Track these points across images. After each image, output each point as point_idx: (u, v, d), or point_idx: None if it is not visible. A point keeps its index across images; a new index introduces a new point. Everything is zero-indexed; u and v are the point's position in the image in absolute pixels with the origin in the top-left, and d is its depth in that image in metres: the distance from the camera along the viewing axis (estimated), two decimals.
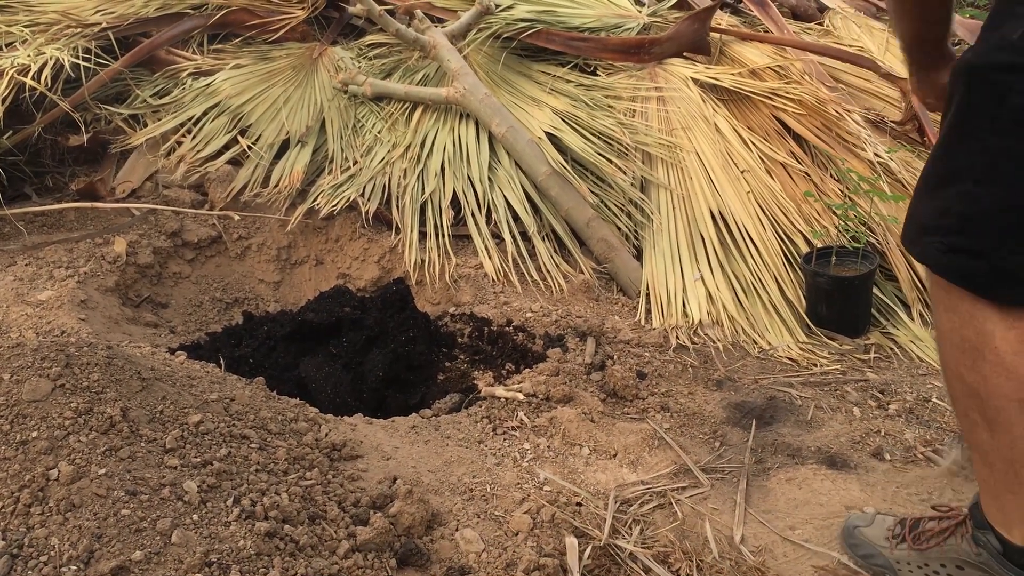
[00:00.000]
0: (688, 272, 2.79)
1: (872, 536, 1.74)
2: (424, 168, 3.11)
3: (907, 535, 1.68)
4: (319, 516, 1.63)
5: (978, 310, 1.40)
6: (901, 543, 1.69)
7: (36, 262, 2.67)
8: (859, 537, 1.76)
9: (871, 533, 1.75)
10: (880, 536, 1.73)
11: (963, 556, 1.60)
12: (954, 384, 1.48)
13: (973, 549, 1.58)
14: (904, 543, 1.68)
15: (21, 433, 1.54)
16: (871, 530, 1.75)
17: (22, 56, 3.05)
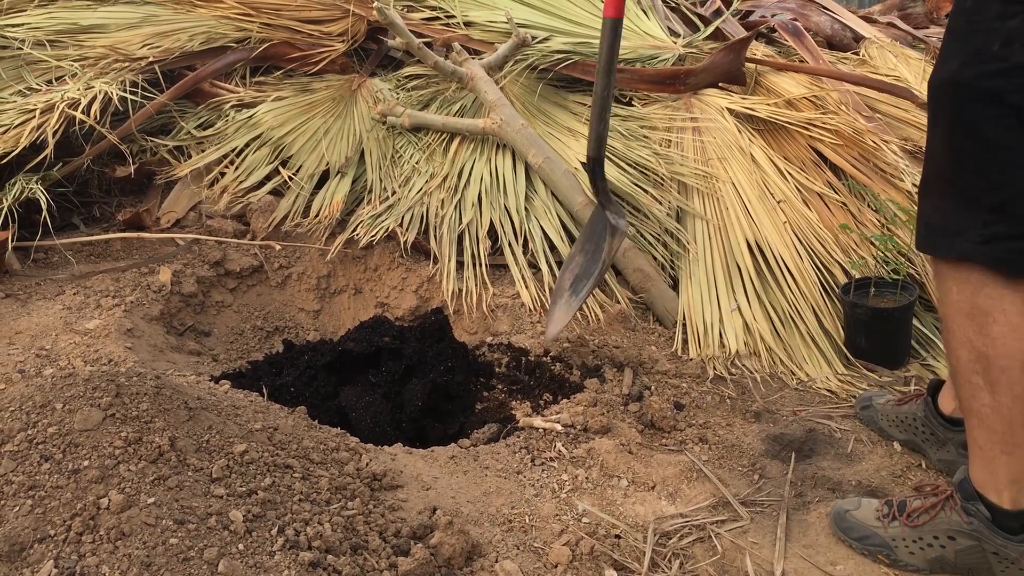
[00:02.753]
0: (725, 302, 2.79)
1: (864, 518, 1.86)
2: (461, 198, 3.14)
3: (897, 514, 1.83)
4: (361, 546, 1.65)
5: (988, 280, 1.55)
6: (893, 521, 1.82)
7: (84, 291, 2.73)
8: (851, 520, 1.87)
9: (862, 515, 1.87)
10: (871, 517, 1.85)
11: (954, 527, 1.74)
12: (960, 352, 1.63)
13: (964, 519, 1.72)
14: (896, 521, 1.82)
15: (73, 462, 1.58)
16: (861, 512, 1.88)
17: (72, 90, 3.13)
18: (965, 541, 1.73)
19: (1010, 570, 1.69)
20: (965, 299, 1.59)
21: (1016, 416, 1.60)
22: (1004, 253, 1.54)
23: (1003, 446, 1.62)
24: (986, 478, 1.68)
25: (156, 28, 3.59)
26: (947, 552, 1.75)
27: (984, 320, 1.57)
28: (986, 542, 1.70)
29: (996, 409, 1.61)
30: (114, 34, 3.55)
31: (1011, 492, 1.65)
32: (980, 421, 1.64)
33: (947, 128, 1.58)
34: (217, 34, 3.63)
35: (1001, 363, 1.57)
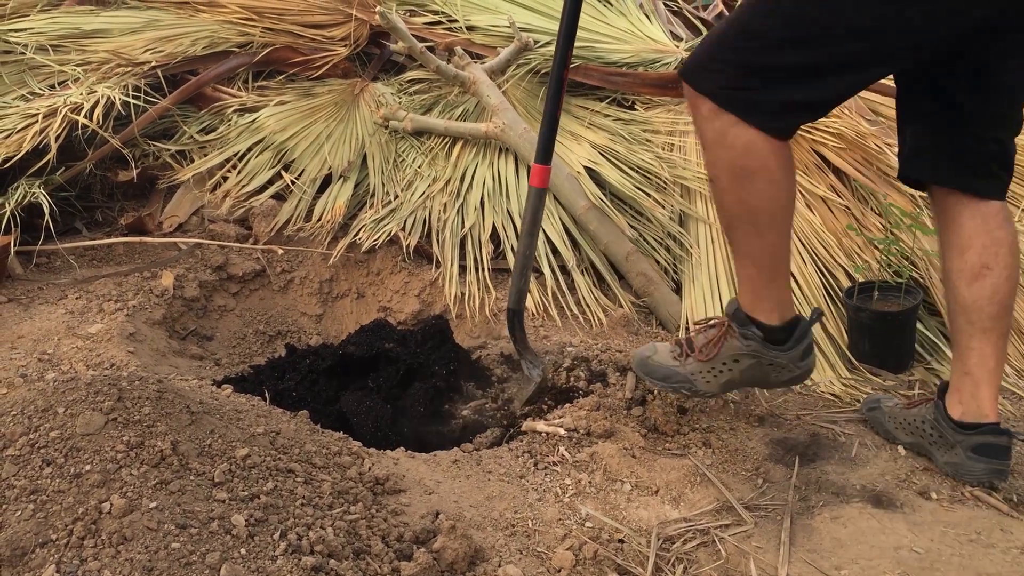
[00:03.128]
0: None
1: (662, 360, 2.15)
2: (464, 202, 3.14)
3: (689, 351, 2.12)
4: (364, 551, 1.64)
5: (752, 145, 1.82)
6: (687, 359, 2.13)
7: (86, 295, 2.73)
8: (652, 364, 2.16)
9: (660, 358, 2.16)
10: (668, 358, 2.15)
11: (736, 351, 2.07)
12: (733, 207, 1.92)
13: (743, 343, 2.06)
14: (691, 358, 2.12)
15: (75, 466, 1.58)
16: (659, 356, 2.16)
17: (75, 94, 3.14)
18: (747, 360, 2.07)
19: (781, 374, 2.09)
20: (733, 160, 1.85)
21: (779, 251, 1.96)
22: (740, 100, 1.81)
23: (770, 277, 1.98)
24: (757, 304, 2.02)
25: (159, 33, 3.60)
26: (734, 373, 2.10)
27: (752, 177, 1.85)
28: (763, 357, 2.05)
29: (763, 248, 1.94)
30: (117, 39, 3.55)
31: (779, 312, 2.02)
32: (750, 260, 1.98)
33: None
34: (220, 39, 3.63)
35: (768, 211, 1.89)
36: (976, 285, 2.00)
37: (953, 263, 2.05)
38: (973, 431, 2.04)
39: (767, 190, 1.86)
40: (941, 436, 2.11)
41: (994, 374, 2.04)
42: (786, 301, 2.04)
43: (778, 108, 1.82)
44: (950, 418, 2.08)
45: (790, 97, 1.81)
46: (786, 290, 2.04)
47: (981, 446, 2.04)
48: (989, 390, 2.04)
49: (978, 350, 2.03)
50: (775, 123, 1.83)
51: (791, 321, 2.05)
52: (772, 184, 1.85)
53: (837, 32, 1.76)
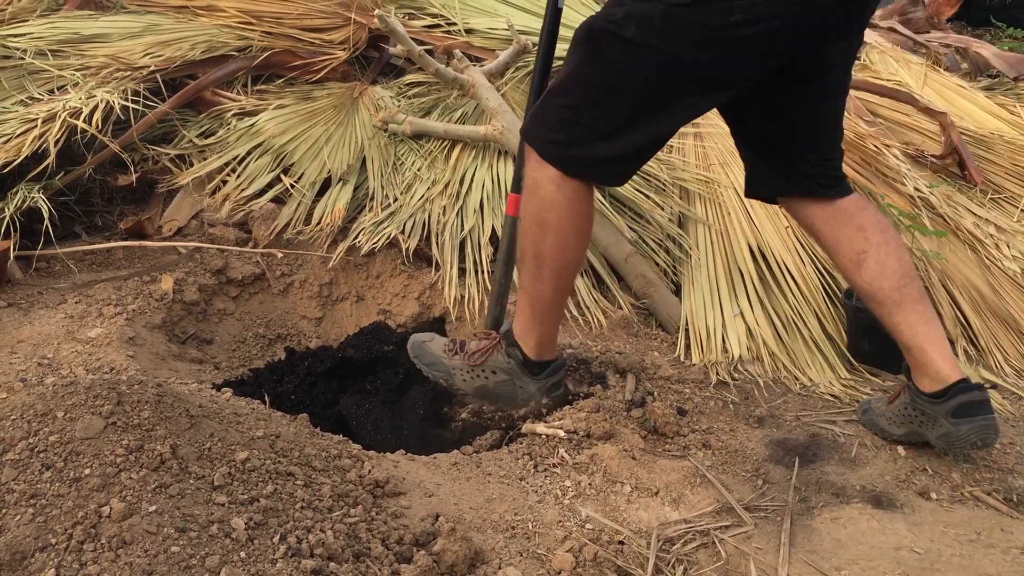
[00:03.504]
0: (727, 308, 2.78)
1: (434, 348, 2.33)
2: (463, 205, 3.14)
3: (459, 350, 2.30)
4: (364, 554, 1.64)
5: (559, 203, 2.01)
6: (455, 355, 2.30)
7: (86, 300, 2.73)
8: (425, 349, 2.33)
9: (433, 347, 2.34)
10: (439, 348, 2.33)
11: (499, 364, 2.26)
12: (529, 249, 2.10)
13: (505, 360, 2.25)
14: (457, 355, 2.30)
15: (74, 470, 1.58)
16: (433, 344, 2.34)
17: (74, 99, 3.13)
18: (502, 375, 2.25)
19: (528, 400, 2.27)
20: (538, 208, 2.04)
21: (554, 302, 2.16)
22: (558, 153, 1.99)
23: (540, 319, 2.18)
24: (524, 336, 2.22)
25: (158, 37, 3.59)
26: (489, 382, 2.26)
27: (548, 230, 2.04)
28: (516, 378, 2.25)
29: (540, 294, 2.13)
30: (116, 43, 3.55)
31: (538, 349, 2.22)
32: (528, 299, 2.16)
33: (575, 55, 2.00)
34: (218, 43, 3.63)
35: (552, 264, 2.08)
36: (862, 270, 2.11)
37: (837, 262, 2.20)
38: (944, 396, 2.08)
39: (557, 246, 2.05)
40: (923, 413, 2.14)
41: (932, 338, 2.11)
42: (547, 344, 2.23)
43: (588, 161, 1.99)
44: (923, 393, 2.13)
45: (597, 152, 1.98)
46: (550, 334, 2.22)
47: (958, 408, 2.07)
48: (937, 353, 2.10)
49: (903, 323, 2.11)
50: (588, 172, 2.02)
51: (548, 360, 2.25)
52: (563, 243, 2.05)
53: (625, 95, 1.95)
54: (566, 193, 2.00)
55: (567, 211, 2.02)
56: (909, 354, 2.15)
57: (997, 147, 3.39)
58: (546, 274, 2.09)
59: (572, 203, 2.02)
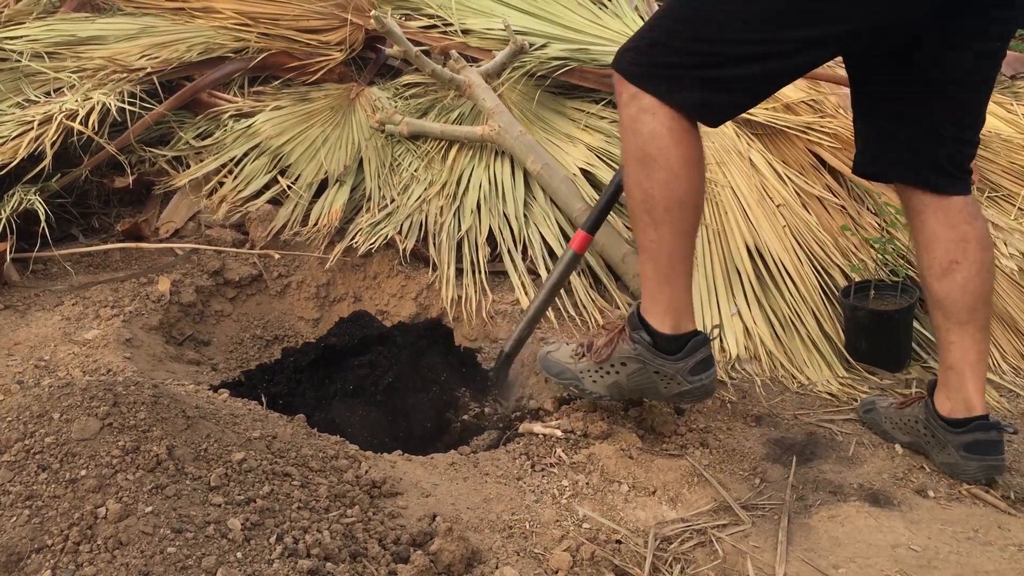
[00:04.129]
0: (725, 306, 2.78)
1: (560, 357, 2.17)
2: (460, 205, 3.14)
3: (586, 352, 2.11)
4: (360, 554, 1.64)
5: (656, 132, 1.85)
6: (583, 358, 2.12)
7: (83, 302, 2.73)
8: (550, 360, 2.18)
9: (559, 355, 2.18)
10: (566, 355, 2.16)
11: (625, 354, 2.03)
12: (635, 193, 1.92)
13: (631, 346, 2.02)
14: (585, 358, 2.11)
15: (71, 471, 1.58)
16: (559, 353, 2.18)
17: (70, 101, 3.13)
18: (633, 365, 2.02)
19: (671, 385, 2.01)
20: (639, 147, 1.88)
21: (675, 251, 1.92)
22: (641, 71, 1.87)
23: (666, 277, 1.94)
24: (651, 307, 1.98)
25: (154, 39, 3.59)
26: (620, 377, 2.05)
27: (652, 166, 1.86)
28: (648, 363, 2.00)
29: (660, 244, 1.91)
30: (112, 45, 3.55)
31: (672, 319, 1.97)
32: (648, 255, 1.95)
33: None
34: (215, 44, 3.63)
35: (664, 203, 1.87)
36: (946, 280, 2.01)
37: (923, 259, 2.07)
38: (962, 428, 2.05)
39: (664, 180, 1.86)
40: (934, 435, 2.12)
41: (976, 367, 2.05)
42: (681, 309, 1.98)
43: (696, 86, 1.85)
44: (939, 415, 2.10)
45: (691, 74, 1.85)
46: (682, 297, 1.98)
47: (972, 444, 2.05)
48: (974, 383, 2.05)
49: (958, 344, 2.04)
50: (691, 100, 1.86)
51: (686, 333, 2.00)
52: (671, 176, 1.86)
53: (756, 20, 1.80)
54: (663, 120, 1.85)
55: (669, 139, 1.85)
56: (947, 373, 2.09)
57: (994, 145, 3.38)
58: (659, 215, 1.89)
59: (672, 131, 1.85)
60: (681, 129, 1.86)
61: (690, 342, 1.98)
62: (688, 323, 1.99)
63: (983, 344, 2.06)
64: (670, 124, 1.85)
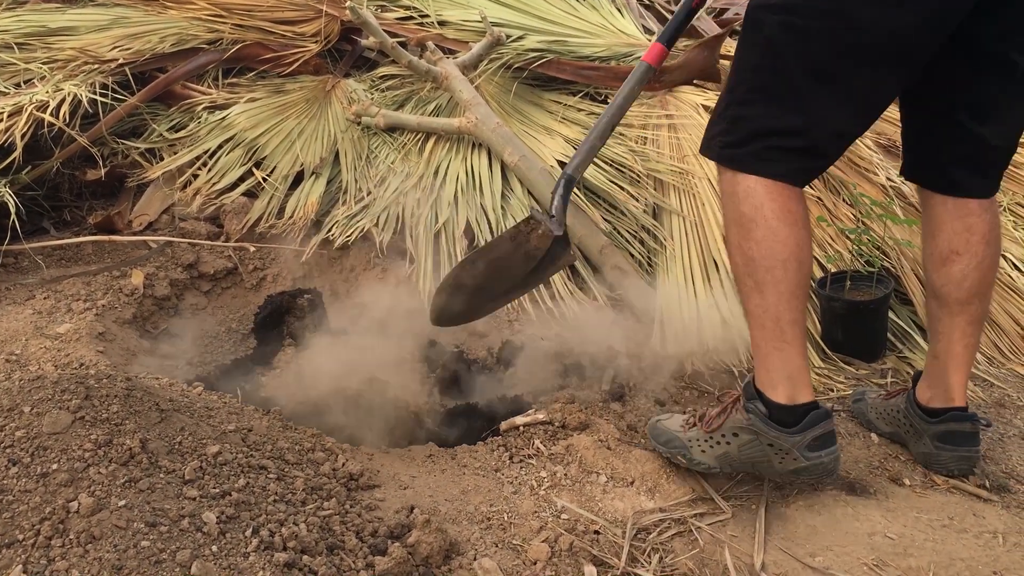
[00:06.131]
0: (703, 298, 2.78)
1: (670, 426, 2.04)
2: (437, 198, 3.13)
3: (697, 421, 1.99)
4: (337, 546, 1.63)
5: (750, 190, 1.77)
6: (692, 427, 1.99)
7: (55, 295, 2.69)
8: (660, 428, 2.06)
9: (669, 424, 2.05)
10: (676, 424, 2.03)
11: (737, 424, 1.90)
12: (735, 257, 1.84)
13: (744, 416, 1.89)
14: (695, 427, 1.99)
15: (41, 465, 1.56)
16: (670, 422, 2.06)
17: (41, 92, 3.09)
18: (746, 436, 1.89)
19: (786, 460, 1.86)
20: (735, 208, 1.81)
21: (783, 314, 1.79)
22: (731, 155, 1.80)
23: (774, 343, 1.81)
24: (763, 375, 1.86)
25: (126, 30, 3.55)
26: (731, 448, 1.92)
27: (750, 227, 1.78)
28: (762, 435, 1.86)
29: (765, 309, 1.80)
30: (84, 36, 3.50)
31: (785, 388, 1.83)
32: (754, 321, 1.84)
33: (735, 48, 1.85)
34: (188, 35, 3.59)
35: (765, 264, 1.77)
36: (943, 270, 1.99)
37: (926, 246, 2.05)
38: (938, 418, 2.06)
39: (763, 239, 1.76)
40: (912, 425, 2.13)
41: (961, 359, 2.04)
42: (796, 378, 1.83)
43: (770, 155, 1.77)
44: (917, 403, 2.11)
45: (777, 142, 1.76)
46: (797, 364, 1.83)
47: (946, 434, 2.07)
48: (957, 375, 2.04)
49: (945, 334, 2.04)
50: (763, 167, 1.77)
51: (804, 404, 1.85)
52: (768, 234, 1.76)
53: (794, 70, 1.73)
54: (755, 185, 1.77)
55: (764, 195, 1.77)
56: (932, 362, 2.09)
57: None
58: (761, 277, 1.79)
59: (767, 185, 1.77)
60: (774, 184, 1.78)
61: (809, 414, 1.84)
62: (805, 393, 1.85)
63: (972, 338, 2.03)
64: (766, 184, 1.77)
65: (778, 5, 1.72)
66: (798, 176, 1.81)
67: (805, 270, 1.81)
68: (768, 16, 1.73)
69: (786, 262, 1.77)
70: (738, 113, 1.80)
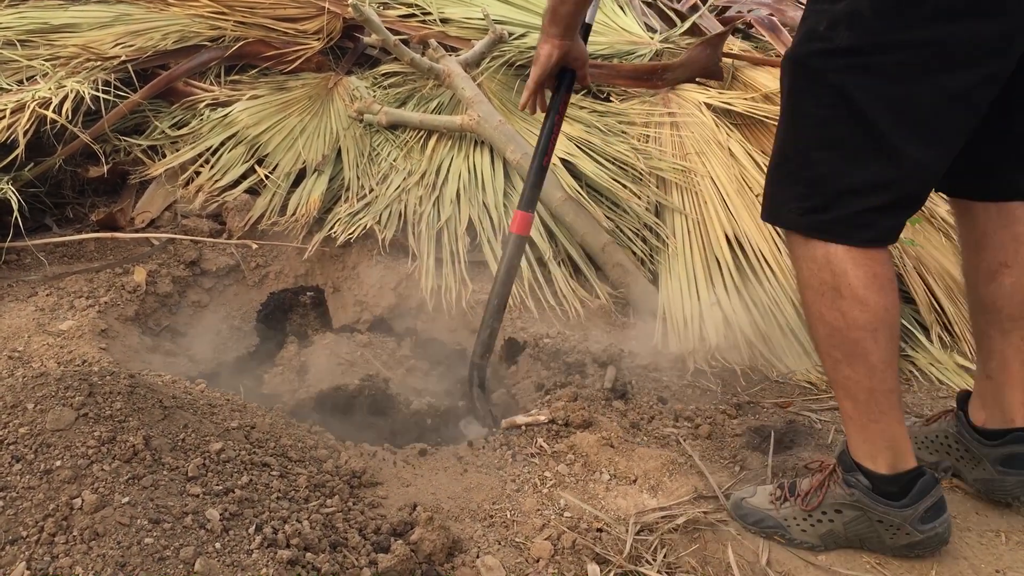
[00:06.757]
0: (704, 296, 2.79)
1: (758, 503, 1.87)
2: (440, 195, 3.13)
3: (788, 495, 1.84)
4: (340, 543, 1.63)
5: (832, 256, 1.61)
6: (784, 503, 1.84)
7: (57, 292, 2.69)
8: (747, 507, 1.88)
9: (756, 501, 1.88)
10: (765, 501, 1.87)
11: (839, 500, 1.76)
12: (817, 327, 1.69)
13: (846, 491, 1.75)
14: (787, 502, 1.83)
15: (45, 462, 1.56)
16: (756, 499, 1.89)
17: (43, 89, 3.09)
18: (851, 512, 1.76)
19: (897, 536, 1.73)
20: (813, 275, 1.66)
21: (876, 385, 1.65)
22: (817, 223, 1.62)
23: (870, 415, 1.68)
24: (860, 446, 1.72)
25: (129, 27, 3.55)
26: (836, 525, 1.78)
27: (833, 295, 1.63)
28: (869, 511, 1.73)
29: (856, 380, 1.66)
30: (86, 33, 3.50)
31: (886, 457, 1.70)
32: (846, 392, 1.69)
33: (784, 101, 1.67)
34: (191, 33, 3.59)
35: (852, 335, 1.63)
36: (992, 284, 1.84)
37: (969, 260, 1.89)
38: (999, 440, 1.90)
39: (849, 309, 1.62)
40: (967, 450, 1.96)
41: (1019, 378, 1.87)
42: (897, 445, 1.70)
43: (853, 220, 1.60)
44: (973, 426, 1.93)
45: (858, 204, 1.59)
46: (896, 431, 1.70)
47: (1010, 457, 1.89)
48: (1016, 395, 1.87)
49: (999, 352, 1.87)
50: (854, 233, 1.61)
51: (909, 472, 1.72)
52: (855, 302, 1.61)
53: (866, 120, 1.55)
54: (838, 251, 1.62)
55: (848, 263, 1.61)
56: (984, 383, 1.91)
57: None
58: (850, 349, 1.65)
59: (852, 255, 1.61)
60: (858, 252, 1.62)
61: (917, 483, 1.71)
62: (907, 460, 1.71)
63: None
64: (845, 251, 1.62)
65: (842, 49, 1.52)
66: (892, 235, 1.65)
67: (895, 335, 1.65)
68: (829, 62, 1.54)
69: (876, 331, 1.62)
70: (817, 173, 1.61)
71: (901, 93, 1.51)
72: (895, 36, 1.49)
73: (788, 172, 1.67)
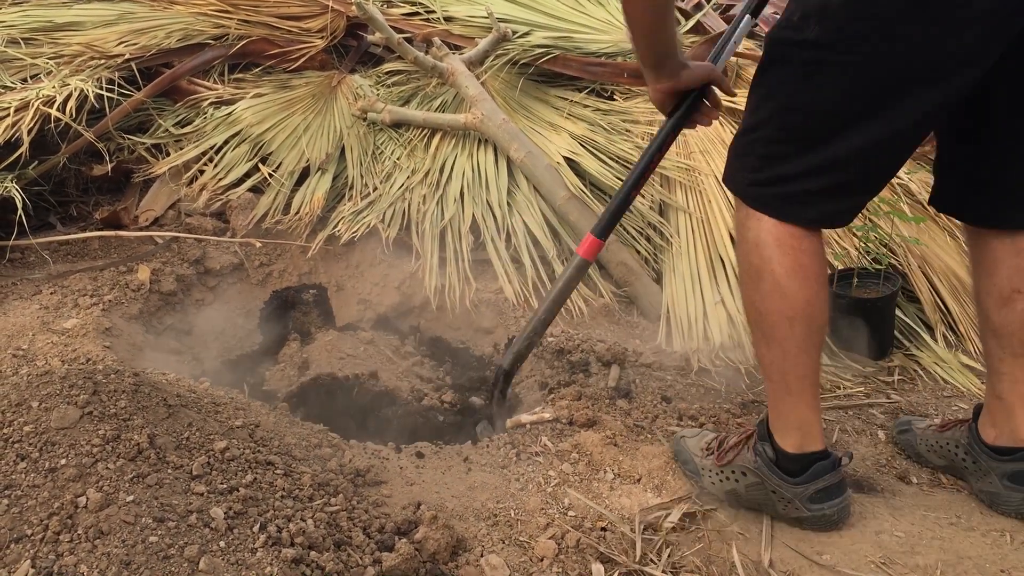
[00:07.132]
0: (708, 295, 2.78)
1: (691, 445, 2.02)
2: (443, 194, 3.13)
3: (715, 448, 1.95)
4: (345, 542, 1.63)
5: (761, 240, 1.69)
6: (709, 455, 1.95)
7: (61, 291, 2.69)
8: (681, 445, 2.03)
9: (691, 443, 2.02)
10: (696, 447, 2.00)
11: (746, 464, 1.87)
12: (745, 305, 1.79)
13: (752, 458, 1.85)
14: (711, 455, 1.95)
15: (50, 460, 1.56)
16: (692, 441, 2.03)
17: (47, 88, 3.09)
18: (752, 478, 1.86)
19: (788, 508, 1.83)
20: (744, 257, 1.75)
21: (788, 368, 1.74)
22: (761, 196, 1.70)
23: (783, 395, 1.77)
24: (775, 420, 1.82)
25: (133, 25, 3.55)
26: (739, 487, 1.88)
27: (758, 279, 1.71)
28: (766, 480, 1.83)
29: (771, 361, 1.76)
30: (90, 31, 3.50)
31: (794, 437, 1.79)
32: (765, 371, 1.79)
33: (755, 75, 1.72)
34: (194, 31, 3.59)
35: (771, 319, 1.72)
36: (1006, 309, 1.83)
37: (982, 283, 1.88)
38: (1009, 457, 1.91)
39: (770, 293, 1.69)
40: (975, 462, 1.99)
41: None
42: (806, 428, 1.78)
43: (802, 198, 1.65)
44: (983, 442, 1.95)
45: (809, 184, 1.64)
46: (806, 415, 1.78)
47: (1017, 474, 1.91)
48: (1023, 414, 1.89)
49: (1009, 375, 1.88)
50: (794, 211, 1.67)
51: (812, 454, 1.80)
52: (775, 288, 1.68)
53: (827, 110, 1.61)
54: (768, 227, 1.68)
55: (774, 248, 1.67)
56: (994, 402, 1.92)
57: None
58: (768, 332, 1.73)
59: (778, 238, 1.67)
60: (788, 235, 1.68)
61: (814, 465, 1.80)
62: (814, 443, 1.80)
63: None
64: (776, 231, 1.68)
65: (809, 42, 1.57)
66: (834, 219, 1.73)
67: (815, 326, 1.71)
68: (797, 53, 1.60)
69: (792, 320, 1.69)
70: (769, 150, 1.68)
71: (857, 88, 1.56)
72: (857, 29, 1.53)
73: (747, 143, 1.74)
